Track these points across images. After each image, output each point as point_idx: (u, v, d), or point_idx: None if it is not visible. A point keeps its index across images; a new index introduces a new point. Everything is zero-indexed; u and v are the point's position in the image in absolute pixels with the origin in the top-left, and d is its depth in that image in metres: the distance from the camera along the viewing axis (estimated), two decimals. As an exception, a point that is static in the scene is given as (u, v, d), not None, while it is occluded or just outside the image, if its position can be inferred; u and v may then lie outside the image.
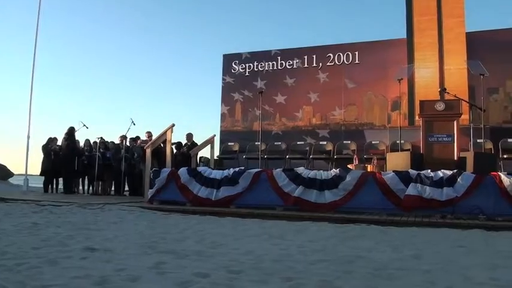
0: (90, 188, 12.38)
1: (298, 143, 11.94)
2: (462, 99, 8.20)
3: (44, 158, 12.18)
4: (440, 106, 7.89)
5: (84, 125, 12.12)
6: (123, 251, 3.60)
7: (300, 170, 7.56)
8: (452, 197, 6.52)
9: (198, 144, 10.91)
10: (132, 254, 3.49)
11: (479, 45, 11.05)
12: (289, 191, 7.34)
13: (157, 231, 5.03)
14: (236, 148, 12.30)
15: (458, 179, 6.60)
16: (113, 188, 12.24)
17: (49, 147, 12.09)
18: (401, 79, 9.56)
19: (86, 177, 12.44)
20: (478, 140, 8.89)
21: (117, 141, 12.17)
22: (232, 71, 13.40)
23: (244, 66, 13.29)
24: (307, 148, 11.65)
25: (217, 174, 7.98)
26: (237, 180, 7.71)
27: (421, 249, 4.09)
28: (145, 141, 11.14)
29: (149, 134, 11.56)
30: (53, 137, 12.33)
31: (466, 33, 11.16)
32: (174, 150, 11.29)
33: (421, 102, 8.22)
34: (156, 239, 4.36)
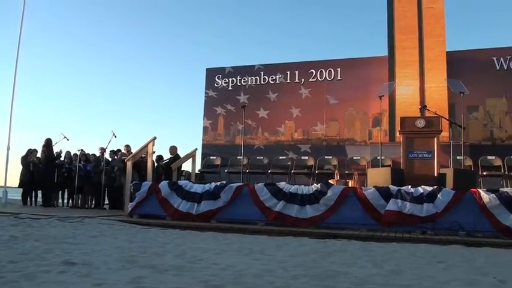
0: (70, 200, 12.22)
1: (280, 157, 11.94)
2: (442, 117, 8.31)
3: (22, 169, 11.98)
4: (420, 123, 7.98)
5: (65, 137, 12.00)
6: (101, 265, 3.54)
7: (282, 184, 7.57)
8: (432, 212, 6.58)
9: (181, 157, 10.86)
10: (110, 269, 3.44)
11: (460, 64, 11.24)
12: (270, 205, 7.33)
13: (136, 245, 4.97)
14: (218, 162, 12.25)
15: (438, 195, 6.67)
16: (93, 201, 12.09)
17: (28, 158, 11.92)
18: (383, 96, 9.65)
19: (66, 189, 12.29)
20: (458, 157, 9.00)
21: (97, 153, 12.06)
22: (215, 85, 13.40)
23: (227, 81, 13.30)
24: (289, 163, 11.66)
25: (198, 188, 7.95)
26: (218, 194, 7.69)
27: (401, 264, 4.11)
28: (125, 154, 11.06)
29: (127, 148, 11.49)
30: (32, 148, 12.17)
31: (447, 52, 11.34)
32: (155, 164, 11.22)
33: (402, 119, 8.30)
34: (135, 253, 4.31)
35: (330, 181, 8.24)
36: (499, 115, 11.09)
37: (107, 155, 11.93)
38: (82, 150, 12.19)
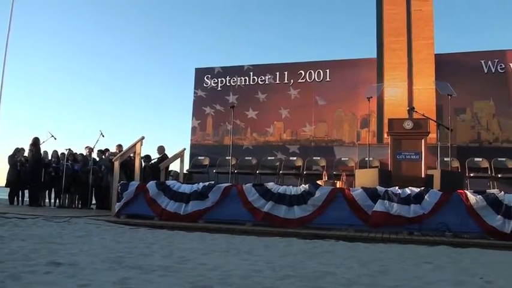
0: (57, 200, 12.12)
1: (268, 158, 11.93)
2: (430, 119, 8.36)
3: (9, 168, 11.85)
4: (408, 125, 8.01)
5: (52, 136, 11.89)
6: (88, 266, 3.51)
7: (270, 185, 7.56)
8: (419, 213, 6.61)
9: (169, 157, 10.81)
10: (97, 269, 3.41)
11: (448, 66, 11.33)
12: (258, 206, 7.32)
13: (123, 245, 4.93)
14: (206, 162, 12.22)
15: (426, 196, 6.70)
16: (80, 201, 12.00)
17: (15, 158, 11.81)
18: (371, 97, 9.68)
19: (53, 189, 12.19)
20: (445, 159, 9.06)
21: (85, 153, 11.98)
22: (204, 85, 13.37)
23: (216, 81, 13.28)
24: (278, 163, 11.66)
25: (186, 188, 7.92)
26: (206, 194, 7.66)
27: (388, 265, 4.11)
28: (114, 154, 10.98)
29: (119, 148, 11.40)
30: (20, 147, 12.05)
31: (435, 54, 11.43)
32: (143, 163, 11.16)
33: (390, 121, 8.33)
34: (122, 253, 4.27)
35: (318, 182, 8.25)
36: (486, 117, 11.20)
37: (94, 155, 11.86)
38: (69, 149, 12.09)
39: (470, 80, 11.28)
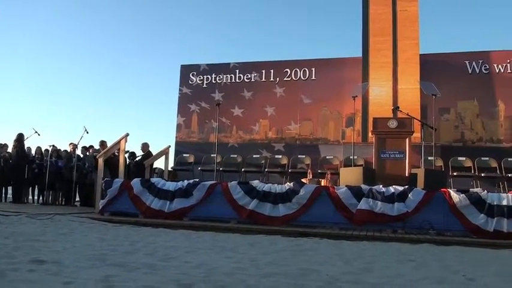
0: (40, 197, 11.97)
1: (253, 156, 11.95)
2: (414, 118, 8.41)
3: (-8, 165, 11.67)
4: (393, 124, 8.06)
5: (36, 132, 11.73)
6: (71, 264, 3.47)
7: (255, 183, 7.55)
8: (403, 212, 6.65)
9: (153, 154, 10.75)
10: (81, 267, 3.37)
11: (433, 66, 11.44)
12: (243, 204, 7.31)
13: (107, 243, 4.89)
14: (191, 160, 12.18)
15: (409, 195, 6.74)
16: (63, 198, 11.87)
17: (-1, 153, 11.63)
18: (356, 96, 9.73)
19: (36, 186, 12.04)
20: (429, 158, 9.12)
21: (69, 149, 11.85)
22: (190, 82, 13.32)
23: (202, 78, 13.23)
24: (263, 161, 11.68)
25: (171, 185, 7.87)
26: (191, 192, 7.63)
27: (372, 262, 4.13)
28: (98, 151, 10.88)
29: (103, 143, 11.30)
30: (3, 143, 11.88)
31: (420, 55, 11.53)
32: (128, 160, 11.07)
33: (375, 120, 8.38)
34: (106, 251, 4.24)
35: (303, 180, 8.27)
36: (470, 117, 11.33)
37: (78, 151, 11.73)
38: (53, 145, 11.93)
39: (454, 80, 11.41)
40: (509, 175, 9.98)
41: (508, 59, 11.39)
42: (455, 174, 10.11)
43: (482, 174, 10.08)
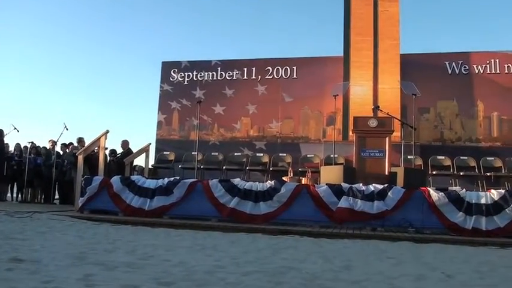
0: (19, 195, 11.80)
1: (235, 154, 11.94)
2: (394, 117, 8.47)
3: (-29, 162, 11.45)
4: (373, 123, 8.10)
5: (15, 128, 11.55)
6: (51, 262, 3.43)
7: (236, 181, 7.54)
8: (382, 210, 6.70)
9: (134, 152, 10.66)
10: (60, 266, 3.33)
11: (413, 66, 11.55)
12: (224, 202, 7.30)
13: (87, 241, 4.85)
14: (172, 157, 12.11)
15: (389, 193, 6.80)
16: (43, 196, 11.73)
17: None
18: (337, 95, 9.77)
19: (15, 183, 11.86)
20: (409, 156, 9.21)
21: (48, 146, 11.71)
22: (171, 79, 13.24)
23: (183, 75, 13.17)
24: (244, 159, 11.68)
25: (151, 183, 7.82)
26: (171, 190, 7.58)
27: (352, 260, 4.16)
28: (77, 148, 10.76)
29: (81, 140, 11.17)
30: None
31: (401, 55, 11.62)
32: (108, 158, 10.97)
33: (355, 119, 8.41)
34: (85, 249, 4.19)
35: (284, 178, 8.27)
36: (449, 117, 11.48)
37: (58, 148, 11.60)
38: (32, 142, 11.77)
39: (434, 80, 11.55)
40: (488, 174, 10.14)
41: (487, 60, 11.56)
42: (434, 173, 10.25)
43: (461, 173, 10.23)
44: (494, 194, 6.68)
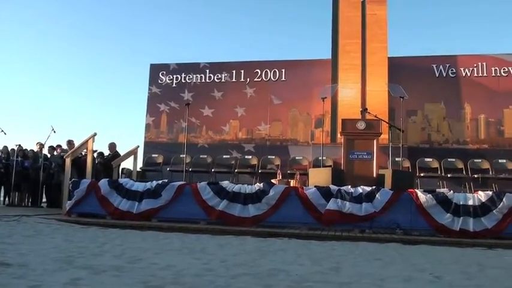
0: (6, 198, 11.68)
1: (224, 156, 11.93)
2: (382, 120, 8.51)
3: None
4: (361, 125, 8.12)
5: (2, 131, 11.45)
6: (38, 266, 3.40)
7: (225, 183, 7.53)
8: (370, 212, 6.73)
9: (121, 154, 10.60)
10: (47, 270, 3.30)
11: (401, 69, 11.62)
12: (213, 204, 7.28)
13: (74, 245, 4.80)
14: (160, 160, 12.08)
15: (377, 195, 6.82)
16: (30, 199, 11.62)
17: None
18: (325, 98, 9.78)
19: (2, 186, 11.74)
20: (397, 159, 9.25)
21: (35, 149, 11.61)
22: (159, 81, 13.20)
23: (171, 77, 13.13)
24: (233, 162, 11.67)
25: (139, 186, 7.78)
26: (159, 192, 7.55)
27: (340, 262, 4.16)
28: (65, 151, 10.68)
29: (70, 143, 11.09)
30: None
31: (389, 57, 11.70)
32: (96, 161, 10.90)
33: (343, 121, 8.43)
34: (73, 253, 4.16)
35: (273, 180, 8.27)
36: (436, 120, 11.58)
37: (45, 151, 11.50)
38: (19, 145, 11.67)
39: (422, 83, 11.65)
40: (475, 176, 10.23)
41: (474, 63, 11.67)
42: (422, 175, 10.32)
43: (449, 175, 10.31)
44: (482, 195, 6.73)
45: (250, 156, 11.83)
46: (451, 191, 6.92)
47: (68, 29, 29.48)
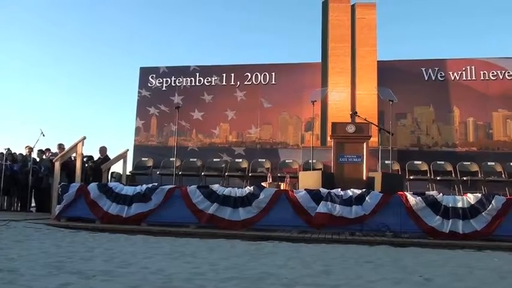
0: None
1: (214, 160, 11.91)
2: (372, 123, 8.54)
3: None
4: (351, 128, 8.15)
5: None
6: (27, 272, 3.37)
7: (215, 187, 7.51)
8: (360, 214, 6.75)
9: (111, 158, 10.55)
10: (37, 275, 3.28)
11: (390, 73, 11.69)
12: (203, 208, 7.26)
13: (64, 250, 4.78)
14: (150, 164, 12.02)
15: (367, 198, 6.84)
16: (19, 204, 11.51)
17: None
18: (315, 101, 9.81)
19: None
20: (386, 162, 9.30)
21: (24, 152, 11.52)
22: (149, 84, 13.16)
23: (161, 81, 13.10)
24: (223, 165, 11.66)
25: (129, 190, 7.74)
26: (149, 196, 7.51)
27: (331, 265, 4.16)
28: (55, 154, 10.61)
29: (61, 147, 11.01)
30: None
31: (378, 61, 11.78)
32: (86, 165, 10.83)
33: (333, 124, 8.45)
34: (62, 258, 4.13)
35: (263, 184, 8.28)
36: (426, 123, 11.67)
37: (34, 155, 11.42)
38: (8, 149, 11.58)
39: (411, 86, 11.74)
40: (464, 178, 10.29)
41: (463, 67, 11.77)
42: (411, 177, 10.37)
43: (438, 178, 10.36)
44: (471, 197, 6.77)
45: (240, 160, 11.83)
46: (441, 194, 6.97)
47: (56, 31, 29.31)
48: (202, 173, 11.21)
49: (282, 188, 8.20)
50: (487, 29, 24.83)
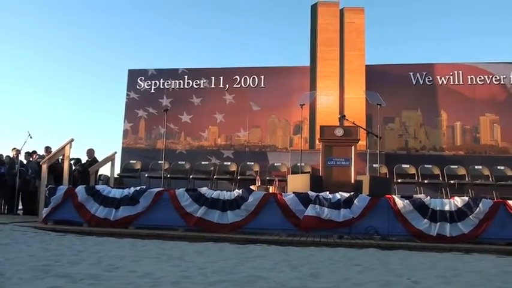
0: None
1: (202, 162, 11.90)
2: (360, 127, 8.58)
3: None
4: (339, 132, 8.17)
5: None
6: (14, 275, 3.34)
7: (204, 190, 7.49)
8: (349, 218, 6.76)
9: (99, 160, 10.48)
10: (24, 279, 3.25)
11: (378, 77, 11.77)
12: (191, 211, 7.23)
13: (51, 253, 4.72)
14: (138, 166, 11.98)
15: (355, 201, 6.86)
16: (6, 206, 11.38)
17: None
18: (304, 105, 9.84)
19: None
20: (374, 165, 9.34)
21: (11, 155, 11.40)
22: (137, 87, 13.11)
23: (150, 83, 13.06)
24: (212, 168, 11.65)
25: (116, 193, 7.69)
26: (137, 199, 7.47)
27: (319, 268, 4.17)
28: (42, 157, 10.52)
29: (48, 150, 10.92)
30: None
31: (366, 65, 11.85)
32: (73, 167, 10.75)
33: (322, 128, 8.47)
34: (49, 261, 4.10)
35: (251, 187, 8.27)
36: (413, 126, 11.75)
37: (21, 157, 11.31)
38: (-5, 151, 11.46)
39: (399, 90, 11.83)
40: (452, 182, 10.39)
41: (450, 72, 11.88)
42: (399, 181, 10.44)
43: (426, 181, 10.45)
44: (458, 201, 6.82)
45: (229, 163, 11.82)
46: (428, 197, 7.01)
47: (44, 33, 29.11)
48: (191, 176, 11.19)
49: (270, 191, 8.21)
50: (474, 32, 25.08)
